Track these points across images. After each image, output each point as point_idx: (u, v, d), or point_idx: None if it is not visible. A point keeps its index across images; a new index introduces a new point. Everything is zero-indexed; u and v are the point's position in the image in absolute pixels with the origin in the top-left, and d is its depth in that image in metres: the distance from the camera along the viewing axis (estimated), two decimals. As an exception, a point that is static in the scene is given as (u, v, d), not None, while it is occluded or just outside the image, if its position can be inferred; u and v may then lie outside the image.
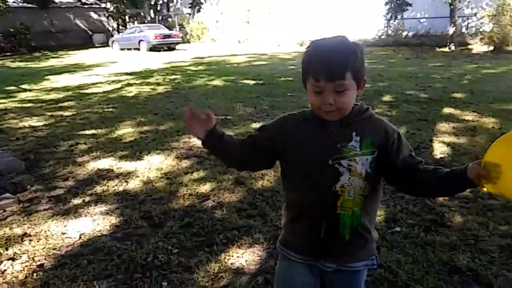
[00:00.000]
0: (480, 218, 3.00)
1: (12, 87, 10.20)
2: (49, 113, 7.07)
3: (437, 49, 17.42)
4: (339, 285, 1.50)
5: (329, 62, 1.23)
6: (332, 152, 1.31)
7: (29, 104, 8.00)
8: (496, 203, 3.23)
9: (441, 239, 2.73)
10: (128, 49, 22.96)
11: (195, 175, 4.01)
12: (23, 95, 9.11)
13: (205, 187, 3.71)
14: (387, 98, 7.53)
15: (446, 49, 17.34)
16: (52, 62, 17.61)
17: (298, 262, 1.46)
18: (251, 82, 10.07)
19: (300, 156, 1.36)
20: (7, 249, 2.78)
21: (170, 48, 23.01)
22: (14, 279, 2.45)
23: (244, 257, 2.63)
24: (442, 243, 2.69)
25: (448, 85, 8.76)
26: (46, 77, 12.14)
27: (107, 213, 3.28)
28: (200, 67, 13.87)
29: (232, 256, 2.64)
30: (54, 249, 2.79)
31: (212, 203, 3.40)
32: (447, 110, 6.39)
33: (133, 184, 3.85)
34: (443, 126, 5.51)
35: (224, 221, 3.09)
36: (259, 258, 2.60)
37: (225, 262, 2.57)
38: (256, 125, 5.69)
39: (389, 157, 1.32)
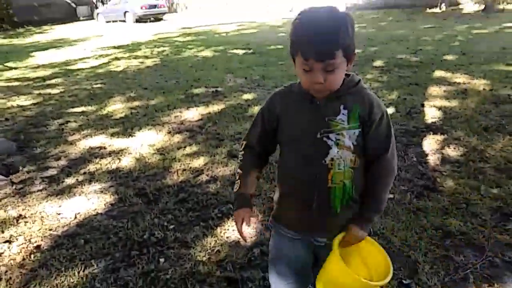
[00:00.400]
0: (471, 182, 3.04)
1: (-3, 66, 9.97)
2: (37, 92, 6.94)
3: (428, 10, 17.19)
4: None
5: (319, 41, 1.17)
6: (320, 125, 1.29)
7: (16, 83, 7.84)
8: (487, 166, 3.27)
9: (433, 204, 2.77)
10: (114, 21, 22.41)
11: (188, 149, 4.00)
12: (9, 74, 8.92)
13: (198, 162, 3.71)
14: (378, 63, 7.47)
15: (437, 10, 17.13)
16: (37, 38, 17.17)
17: (290, 237, 1.47)
18: (241, 51, 9.92)
19: (290, 131, 1.36)
20: (3, 231, 2.79)
21: (157, 18, 22.49)
22: (11, 261, 2.47)
23: (239, 230, 2.65)
24: (434, 208, 2.73)
25: (439, 47, 8.69)
26: (32, 54, 11.86)
27: (102, 192, 3.28)
28: (188, 38, 13.60)
29: (228, 229, 2.67)
30: (50, 230, 2.79)
31: (206, 177, 3.41)
32: (438, 74, 6.36)
33: (126, 161, 3.83)
34: (434, 90, 5.50)
35: (219, 195, 3.10)
36: (254, 230, 2.62)
37: (221, 236, 2.60)
38: (248, 96, 5.66)
39: (365, 133, 1.32)
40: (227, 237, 2.59)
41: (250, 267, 2.31)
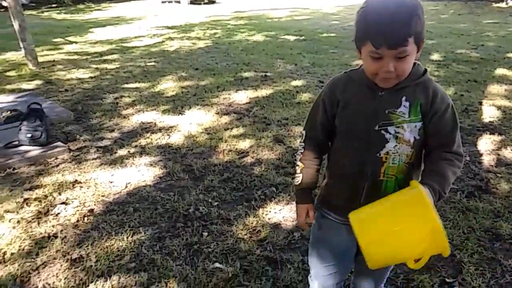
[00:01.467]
0: (527, 186, 2.90)
1: (59, 39, 10.45)
2: (94, 66, 7.25)
3: (493, 4, 16.23)
4: None
5: (391, 28, 1.11)
6: (379, 118, 1.25)
7: (75, 57, 8.21)
8: (546, 171, 3.10)
9: (484, 206, 2.68)
10: (169, 2, 22.81)
11: (235, 131, 4.06)
12: (69, 47, 9.34)
13: (244, 144, 3.76)
14: (435, 56, 7.18)
15: (503, 5, 16.13)
16: (96, 15, 17.81)
17: (335, 222, 1.47)
18: (292, 37, 9.83)
19: (347, 121, 1.33)
20: (60, 194, 2.98)
21: (211, 1, 22.64)
22: (67, 221, 2.64)
23: (281, 213, 2.69)
24: (485, 209, 2.64)
25: (502, 44, 8.21)
26: (90, 30, 12.34)
27: (151, 165, 3.41)
28: (241, 22, 13.63)
29: (270, 211, 2.71)
30: (103, 196, 2.96)
31: (251, 159, 3.46)
32: (500, 71, 6.03)
33: (175, 138, 3.95)
34: (495, 88, 5.23)
35: (263, 177, 3.14)
36: (296, 215, 2.64)
37: (263, 217, 2.65)
38: (296, 83, 5.63)
39: (426, 125, 1.26)
40: (268, 219, 2.63)
41: (290, 249, 2.34)
